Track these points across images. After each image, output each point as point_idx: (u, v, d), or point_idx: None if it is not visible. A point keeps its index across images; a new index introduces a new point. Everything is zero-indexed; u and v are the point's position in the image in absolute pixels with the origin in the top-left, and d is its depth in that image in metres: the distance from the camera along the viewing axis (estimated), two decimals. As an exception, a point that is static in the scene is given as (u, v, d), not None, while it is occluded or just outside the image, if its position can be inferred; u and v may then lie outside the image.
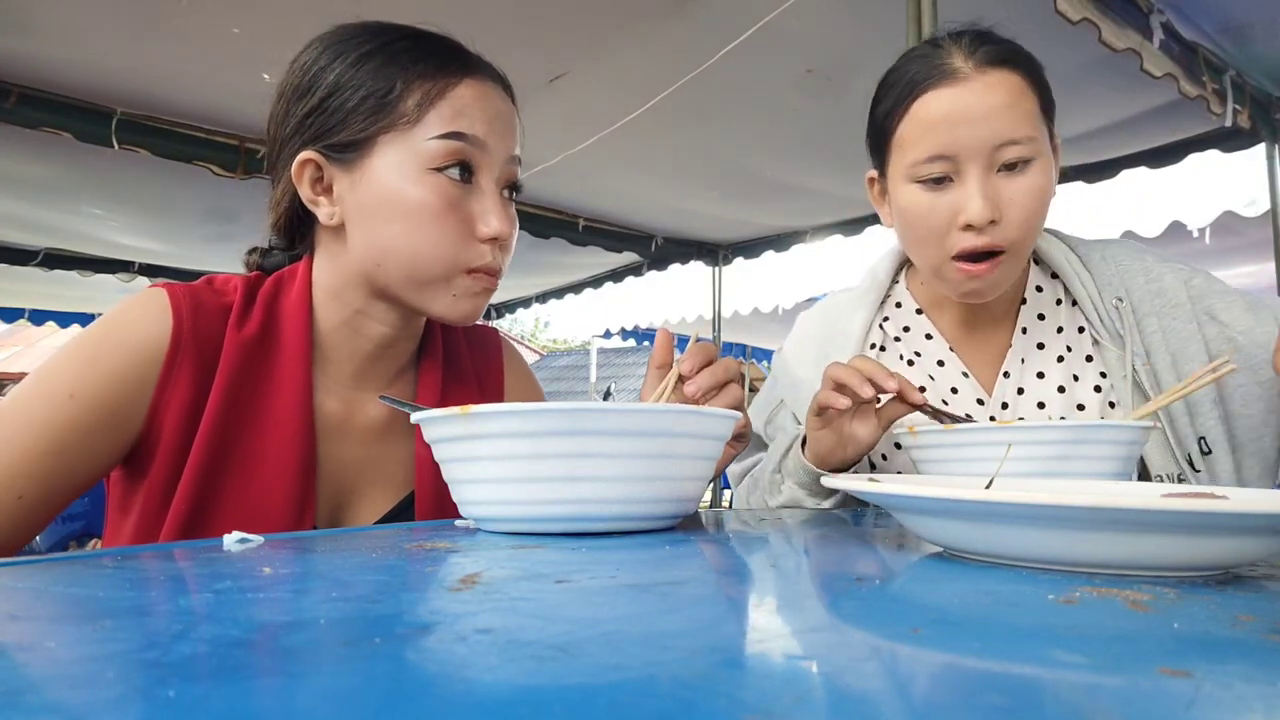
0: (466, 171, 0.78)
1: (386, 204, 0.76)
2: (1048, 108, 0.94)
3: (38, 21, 2.56)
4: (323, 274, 0.83)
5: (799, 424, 1.09)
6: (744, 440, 0.83)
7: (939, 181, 0.90)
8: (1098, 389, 0.97)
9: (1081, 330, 1.01)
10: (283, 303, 0.82)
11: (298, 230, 0.87)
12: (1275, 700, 0.23)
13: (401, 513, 0.84)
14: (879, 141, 0.99)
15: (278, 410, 0.77)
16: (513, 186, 0.86)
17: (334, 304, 0.83)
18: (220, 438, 0.74)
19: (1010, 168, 0.89)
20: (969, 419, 0.94)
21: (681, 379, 0.76)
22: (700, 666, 0.25)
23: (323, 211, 0.80)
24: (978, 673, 0.26)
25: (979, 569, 0.45)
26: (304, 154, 0.78)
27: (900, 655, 0.28)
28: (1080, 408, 0.97)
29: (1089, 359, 0.99)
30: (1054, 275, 1.05)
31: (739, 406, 0.76)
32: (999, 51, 0.91)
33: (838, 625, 0.33)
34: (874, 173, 1.03)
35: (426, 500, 0.83)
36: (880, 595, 0.40)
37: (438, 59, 0.79)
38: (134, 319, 0.75)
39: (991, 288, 0.94)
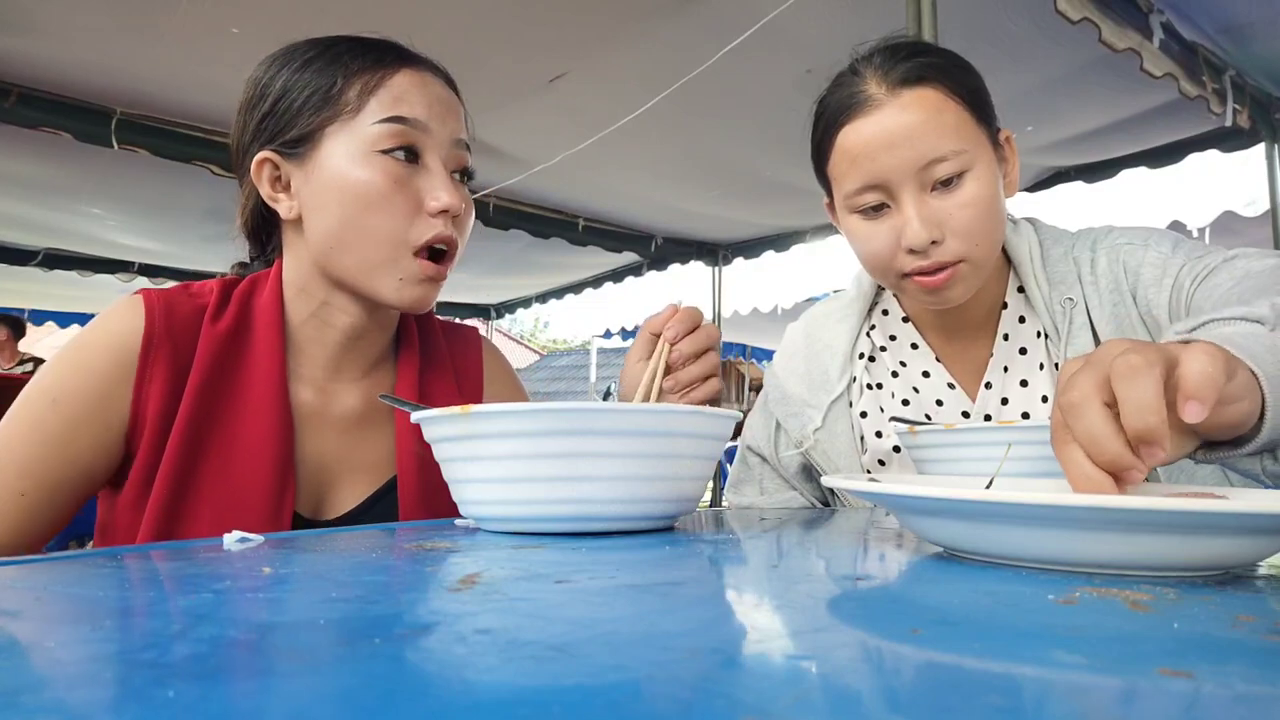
0: (411, 153, 0.81)
1: (336, 189, 0.79)
2: (979, 110, 0.91)
3: (38, 21, 2.56)
4: (290, 270, 0.87)
5: (796, 446, 1.08)
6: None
7: (877, 209, 0.90)
8: None
9: (1039, 334, 0.98)
10: (256, 300, 0.86)
11: (265, 232, 0.93)
12: (1276, 701, 0.23)
13: (384, 497, 0.86)
14: (819, 171, 0.99)
15: (253, 401, 0.80)
16: (464, 171, 0.88)
17: (301, 298, 0.86)
18: (196, 428, 0.77)
19: (945, 184, 0.87)
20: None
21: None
22: (700, 667, 0.25)
23: (282, 206, 0.84)
24: (977, 673, 0.26)
25: (979, 569, 0.45)
26: (260, 154, 0.82)
27: (900, 656, 0.28)
28: None
29: (1057, 366, 0.95)
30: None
31: (714, 372, 0.79)
32: (911, 69, 0.89)
33: (837, 625, 0.33)
34: (827, 199, 1.02)
35: (409, 485, 0.85)
36: (880, 595, 0.40)
37: (375, 54, 0.82)
38: (107, 320, 0.79)
39: (958, 295, 0.91)
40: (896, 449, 1.02)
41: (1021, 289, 1.00)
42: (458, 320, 1.08)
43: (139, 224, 4.51)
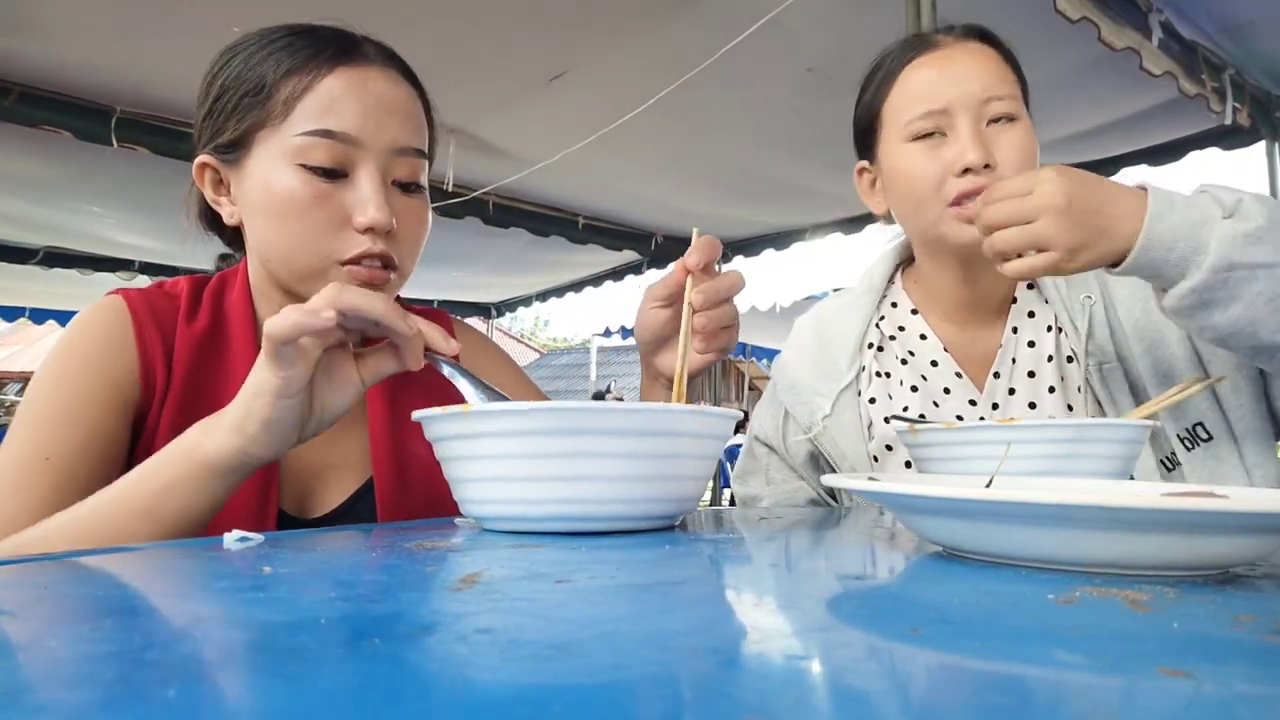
0: (340, 168, 0.76)
1: (262, 199, 0.77)
2: (1025, 90, 0.98)
3: (38, 20, 2.55)
4: (251, 270, 0.86)
5: (805, 433, 1.09)
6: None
7: (932, 135, 0.95)
8: (1079, 390, 0.97)
9: (1050, 329, 1.01)
10: (227, 298, 0.84)
11: (221, 229, 0.90)
12: (1275, 701, 0.23)
13: (365, 495, 0.85)
14: (869, 124, 1.03)
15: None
16: (410, 183, 0.81)
17: (262, 299, 0.85)
18: (182, 429, 0.75)
19: (997, 121, 0.94)
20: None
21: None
22: (700, 666, 0.25)
23: (224, 211, 0.82)
24: (977, 673, 0.26)
25: (979, 568, 0.45)
26: (200, 158, 0.80)
27: (900, 655, 0.28)
28: (1069, 408, 0.97)
29: (1068, 359, 0.99)
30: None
31: (731, 323, 0.77)
32: (974, 29, 0.99)
33: (837, 625, 0.33)
34: (863, 163, 1.06)
35: (385, 485, 0.83)
36: (880, 595, 0.40)
37: (310, 50, 0.77)
38: (89, 311, 0.79)
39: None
40: (905, 407, 1.04)
41: (1031, 286, 1.04)
42: (434, 307, 1.04)
43: (139, 222, 4.50)
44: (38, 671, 0.25)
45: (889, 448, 1.04)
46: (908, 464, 1.02)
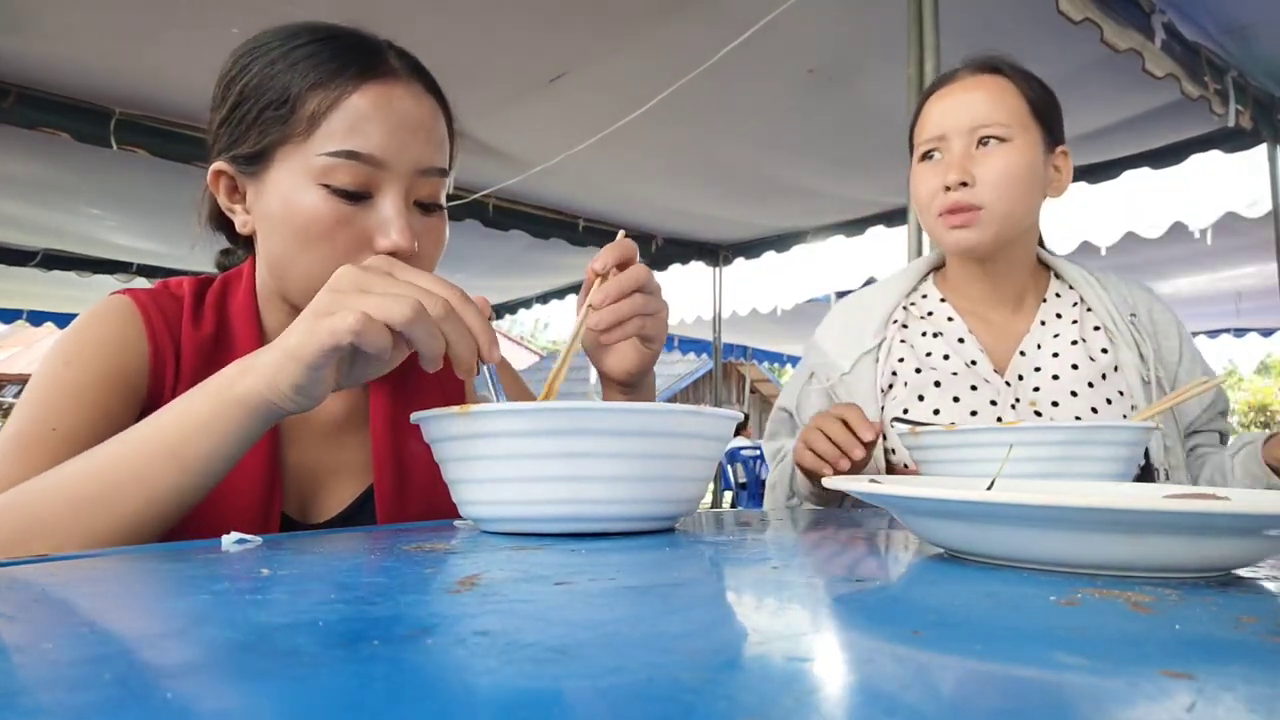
0: (363, 190, 0.75)
1: (280, 218, 0.75)
2: (1039, 114, 1.12)
3: (37, 21, 2.56)
4: (260, 276, 0.84)
5: (824, 383, 1.25)
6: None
7: (929, 155, 1.14)
8: (1104, 376, 1.12)
9: (1097, 329, 1.16)
10: (231, 304, 0.83)
11: (232, 232, 0.88)
12: (1277, 702, 0.23)
13: (364, 505, 0.84)
14: (910, 150, 1.21)
15: None
16: (431, 204, 0.80)
17: (270, 307, 0.84)
18: None
19: (984, 143, 1.09)
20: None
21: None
22: (700, 668, 0.25)
23: (238, 220, 0.80)
24: (979, 675, 0.26)
25: (980, 570, 0.45)
26: (216, 164, 0.79)
27: (901, 657, 0.28)
28: (1090, 385, 1.10)
29: (1104, 351, 1.14)
30: (1071, 288, 1.23)
31: (640, 312, 0.76)
32: (991, 60, 1.14)
33: (838, 627, 0.33)
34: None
35: (385, 493, 0.83)
36: (881, 597, 0.40)
37: (337, 63, 0.75)
38: (100, 308, 0.78)
39: (975, 240, 1.10)
40: (918, 370, 1.18)
41: (1059, 294, 1.22)
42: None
43: (138, 224, 4.50)
44: (35, 673, 0.25)
45: (906, 384, 1.19)
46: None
